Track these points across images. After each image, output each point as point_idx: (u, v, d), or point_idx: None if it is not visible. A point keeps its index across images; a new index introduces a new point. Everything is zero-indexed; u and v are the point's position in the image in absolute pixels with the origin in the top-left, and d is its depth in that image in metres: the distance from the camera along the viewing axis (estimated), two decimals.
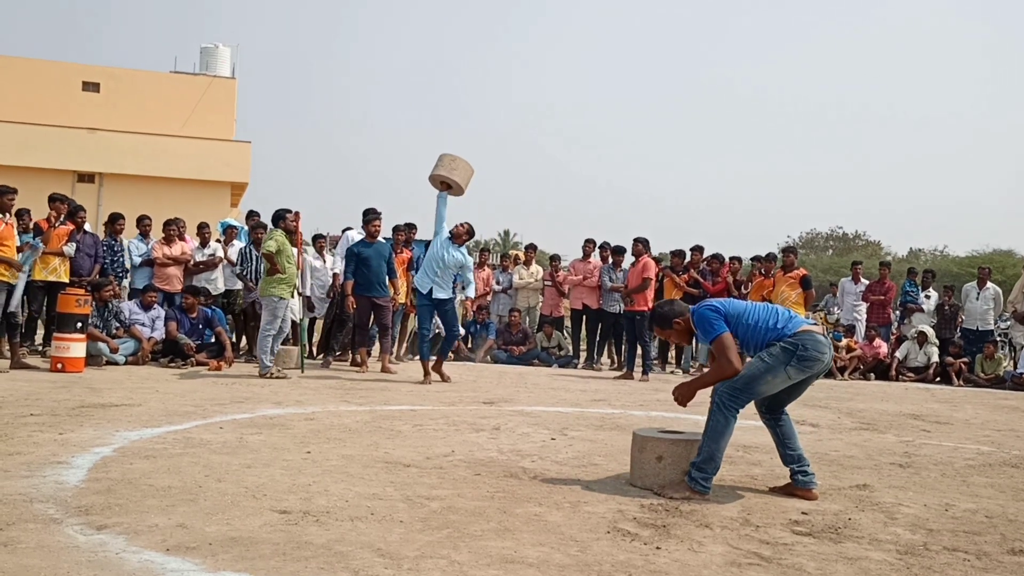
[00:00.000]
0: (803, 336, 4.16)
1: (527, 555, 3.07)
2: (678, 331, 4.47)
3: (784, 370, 4.12)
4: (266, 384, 8.22)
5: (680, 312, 4.44)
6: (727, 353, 4.13)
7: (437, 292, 9.21)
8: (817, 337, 4.18)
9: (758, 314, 4.27)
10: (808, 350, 4.12)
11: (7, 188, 8.67)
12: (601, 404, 7.94)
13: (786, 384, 4.20)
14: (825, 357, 4.18)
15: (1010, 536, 3.66)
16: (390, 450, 4.99)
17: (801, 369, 4.14)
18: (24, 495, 3.59)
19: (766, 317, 4.26)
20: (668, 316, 4.46)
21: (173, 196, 23.26)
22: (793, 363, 4.11)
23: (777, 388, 4.21)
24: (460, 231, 9.26)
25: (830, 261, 44.59)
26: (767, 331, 4.20)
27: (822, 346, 4.17)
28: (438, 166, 9.06)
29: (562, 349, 13.06)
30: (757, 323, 4.22)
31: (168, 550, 2.95)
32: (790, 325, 4.22)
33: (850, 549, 3.36)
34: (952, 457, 5.69)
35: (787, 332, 4.18)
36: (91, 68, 27.70)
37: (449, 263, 9.19)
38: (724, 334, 4.16)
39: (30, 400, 6.38)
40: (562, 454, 5.13)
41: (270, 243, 9.01)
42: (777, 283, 11.60)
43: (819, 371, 4.22)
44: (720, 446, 4.11)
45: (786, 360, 4.11)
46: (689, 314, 4.39)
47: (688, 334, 4.50)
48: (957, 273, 29.23)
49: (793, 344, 4.13)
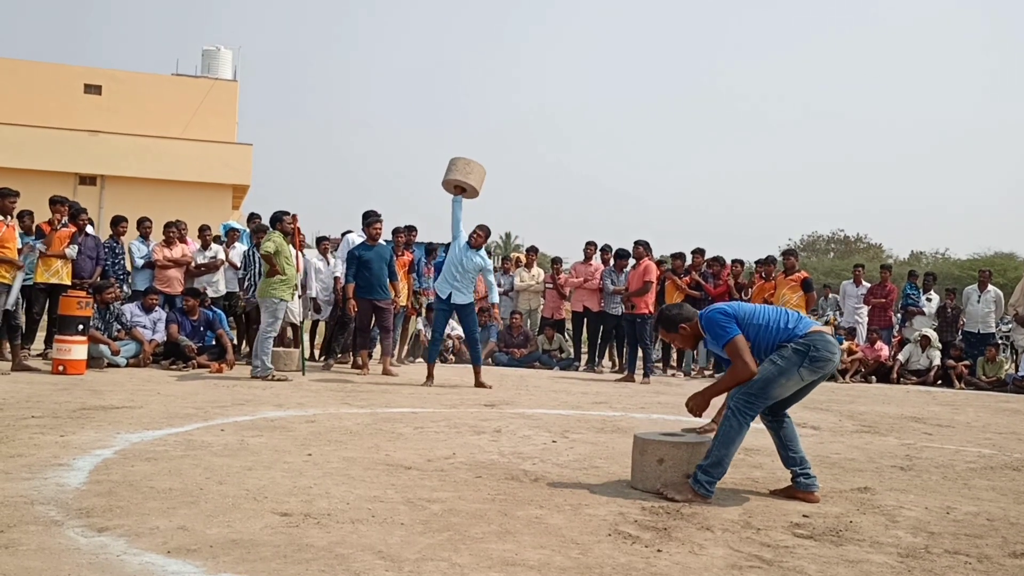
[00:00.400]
0: (814, 337, 4.16)
1: (528, 558, 3.07)
2: (683, 336, 4.45)
3: (797, 372, 4.11)
4: (267, 386, 8.22)
5: (688, 316, 4.42)
6: (742, 355, 4.11)
7: (457, 297, 9.19)
8: (827, 338, 4.19)
9: (768, 315, 4.26)
10: (820, 351, 4.12)
11: (9, 191, 8.68)
12: (602, 407, 7.94)
13: (799, 386, 4.20)
14: (835, 357, 4.19)
15: (1011, 539, 3.66)
16: (391, 452, 4.99)
17: (813, 370, 4.14)
18: (25, 497, 3.59)
19: (776, 318, 4.25)
20: (675, 320, 4.43)
21: (174, 198, 23.26)
22: (806, 364, 4.11)
23: (791, 391, 4.20)
24: (479, 238, 9.23)
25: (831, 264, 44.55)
26: (778, 332, 4.19)
27: (832, 346, 4.17)
28: (452, 171, 9.02)
29: (563, 352, 13.06)
30: (768, 324, 4.21)
31: (169, 552, 2.95)
32: (800, 326, 4.22)
33: (851, 552, 3.36)
34: (954, 460, 5.69)
35: (798, 333, 4.18)
36: (93, 71, 27.76)
37: (469, 267, 9.19)
38: (737, 336, 4.14)
39: (31, 402, 6.39)
40: (563, 457, 5.12)
41: (268, 244, 9.04)
42: (778, 286, 11.59)
43: (829, 372, 4.23)
44: (730, 451, 4.10)
45: (799, 362, 4.11)
46: (696, 319, 4.38)
47: (693, 339, 4.48)
48: (958, 276, 29.20)
49: (805, 345, 4.13)
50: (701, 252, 12.91)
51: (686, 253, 12.95)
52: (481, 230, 9.26)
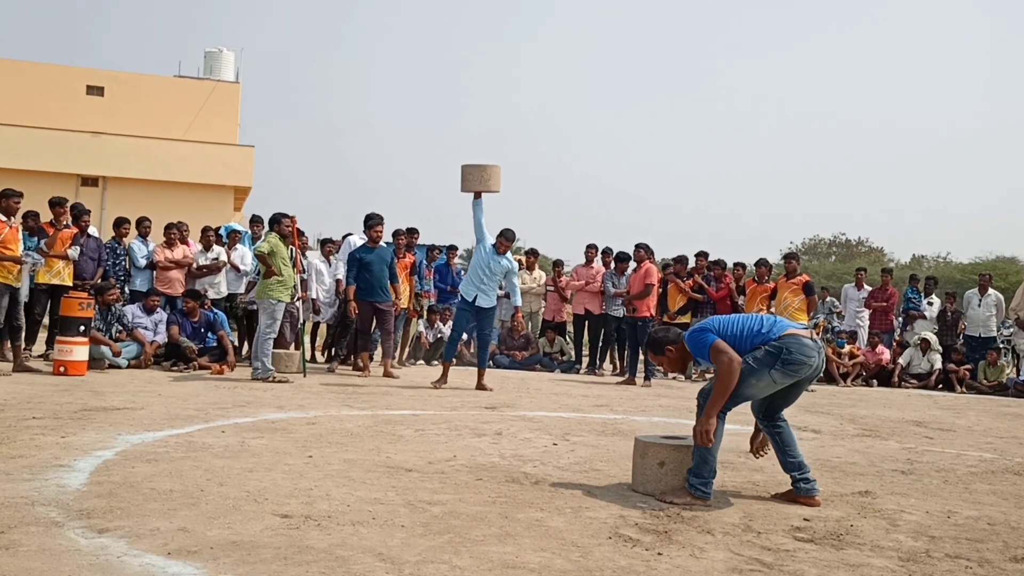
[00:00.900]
0: (787, 340, 4.16)
1: (528, 560, 3.07)
2: (670, 359, 4.50)
3: (768, 374, 4.12)
4: (268, 388, 8.23)
5: (673, 340, 4.47)
6: (726, 351, 4.12)
7: (482, 300, 9.21)
8: (803, 340, 4.17)
9: (743, 323, 4.30)
10: (792, 353, 4.12)
11: (12, 192, 8.70)
12: (603, 409, 7.93)
13: (772, 388, 4.20)
14: (812, 360, 4.16)
15: (1012, 543, 3.65)
16: (392, 455, 4.99)
17: (786, 373, 4.14)
18: (26, 498, 3.59)
19: (750, 324, 4.28)
20: (661, 343, 4.50)
21: (176, 200, 23.27)
22: (777, 367, 4.11)
23: (764, 392, 4.20)
24: (504, 246, 9.29)
25: (833, 267, 44.55)
26: (752, 336, 4.20)
27: (808, 349, 4.15)
28: (469, 181, 9.00)
29: (564, 354, 13.06)
30: (742, 330, 4.24)
31: (169, 554, 2.95)
32: (775, 329, 4.22)
33: (852, 556, 3.35)
34: (955, 464, 5.68)
35: (771, 336, 4.18)
36: (95, 72, 27.78)
37: (496, 270, 9.24)
38: (717, 340, 4.19)
39: (32, 403, 6.39)
40: (564, 459, 5.12)
41: (262, 245, 9.13)
42: (780, 289, 11.59)
43: (808, 375, 4.21)
44: (711, 451, 4.11)
45: (770, 364, 4.11)
46: (682, 340, 4.42)
47: (680, 361, 4.53)
48: (960, 280, 29.21)
49: (777, 348, 4.13)
50: (704, 255, 12.90)
51: (687, 256, 12.95)
52: (505, 238, 9.29)
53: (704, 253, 12.94)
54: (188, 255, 11.07)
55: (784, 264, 12.46)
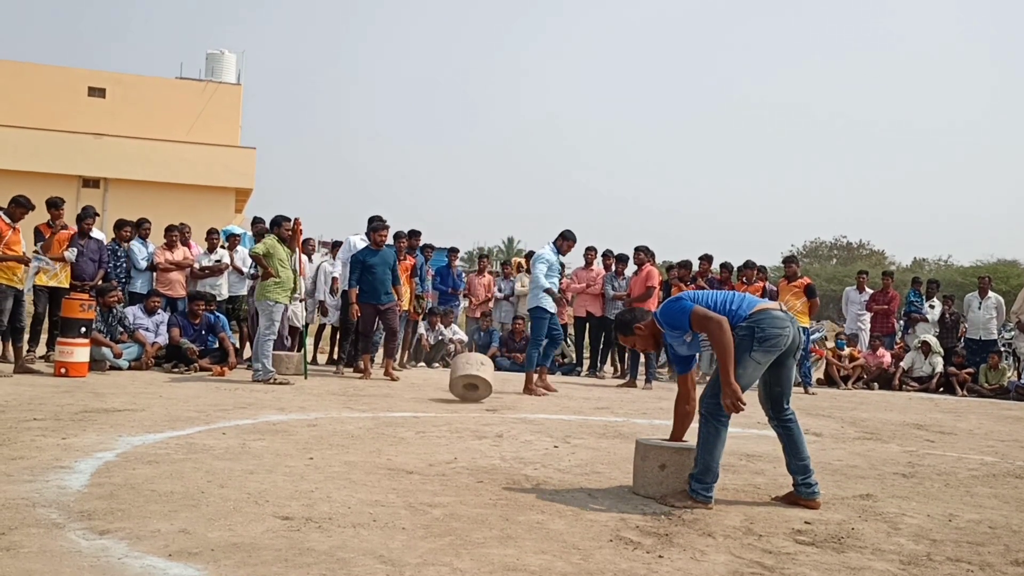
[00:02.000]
0: (758, 316, 4.13)
1: (529, 563, 3.06)
2: (641, 336, 4.45)
3: (749, 357, 4.09)
4: (269, 390, 8.23)
5: (641, 317, 4.44)
6: (708, 315, 4.09)
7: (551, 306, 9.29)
8: (773, 313, 4.15)
9: (715, 299, 4.26)
10: (765, 329, 4.09)
11: (22, 202, 8.71)
12: (604, 412, 7.93)
13: (760, 370, 4.17)
14: (787, 330, 4.13)
15: (1014, 547, 3.65)
16: (393, 457, 4.98)
17: (766, 351, 4.11)
18: (27, 499, 3.59)
19: (722, 301, 4.24)
20: (628, 322, 4.46)
21: (178, 202, 23.33)
22: (755, 347, 4.09)
23: (754, 377, 4.17)
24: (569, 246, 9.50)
25: (834, 270, 44.57)
26: (726, 313, 4.15)
27: (780, 321, 4.13)
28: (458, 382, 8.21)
29: (565, 357, 13.05)
30: (715, 305, 4.21)
31: (170, 556, 2.95)
32: (744, 306, 4.20)
33: (853, 559, 3.35)
34: (956, 467, 5.68)
35: (743, 314, 4.15)
36: (97, 73, 27.85)
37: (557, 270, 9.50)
38: (695, 306, 4.16)
39: (33, 404, 6.39)
40: (565, 462, 5.12)
41: (258, 246, 9.16)
42: (782, 292, 11.60)
43: (788, 346, 4.16)
44: (715, 456, 4.09)
45: (747, 347, 4.09)
46: (652, 318, 4.38)
47: (652, 339, 4.46)
48: (961, 283, 29.21)
49: (749, 328, 4.11)
50: (708, 259, 12.89)
51: (691, 261, 12.93)
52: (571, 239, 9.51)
53: (708, 256, 12.93)
54: (188, 257, 11.08)
55: (784, 268, 12.46)
